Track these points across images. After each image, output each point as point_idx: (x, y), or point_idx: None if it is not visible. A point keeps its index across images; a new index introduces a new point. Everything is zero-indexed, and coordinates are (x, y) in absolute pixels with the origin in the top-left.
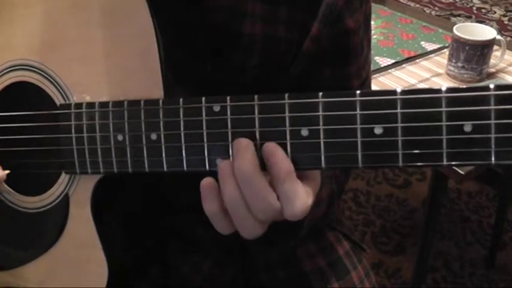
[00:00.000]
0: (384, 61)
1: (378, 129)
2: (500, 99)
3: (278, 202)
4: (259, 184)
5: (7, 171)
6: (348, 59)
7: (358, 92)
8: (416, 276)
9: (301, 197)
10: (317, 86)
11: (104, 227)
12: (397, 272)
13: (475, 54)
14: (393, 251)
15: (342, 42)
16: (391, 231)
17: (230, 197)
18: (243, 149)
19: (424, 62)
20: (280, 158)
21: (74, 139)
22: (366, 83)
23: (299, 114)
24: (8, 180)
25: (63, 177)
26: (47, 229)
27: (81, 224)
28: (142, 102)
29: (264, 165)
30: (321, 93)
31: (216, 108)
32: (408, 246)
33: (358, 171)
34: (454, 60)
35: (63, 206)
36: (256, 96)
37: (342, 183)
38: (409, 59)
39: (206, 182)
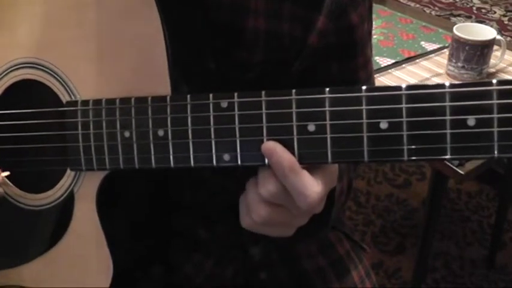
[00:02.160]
0: (383, 61)
1: (384, 124)
2: (502, 94)
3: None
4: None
5: (7, 173)
6: (355, 52)
7: (364, 87)
8: (416, 276)
9: (310, 187)
10: (325, 82)
11: (109, 225)
12: (397, 272)
13: (475, 54)
14: (393, 251)
15: (347, 36)
16: (391, 231)
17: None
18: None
19: (424, 62)
20: (280, 154)
21: (80, 136)
22: (371, 78)
23: (306, 109)
24: (12, 177)
25: (69, 174)
26: (51, 226)
27: (86, 221)
28: (149, 98)
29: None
30: (327, 89)
31: (224, 104)
32: (408, 246)
33: (359, 171)
34: (454, 60)
35: (68, 203)
36: (263, 92)
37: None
38: (409, 59)
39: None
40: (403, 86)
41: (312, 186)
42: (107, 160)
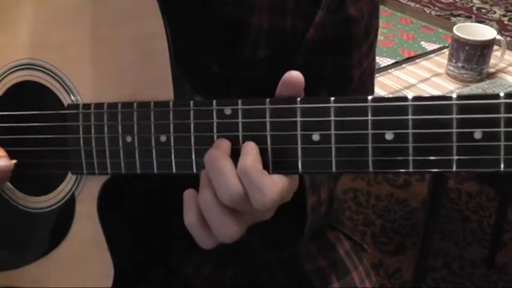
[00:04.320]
0: (384, 61)
1: (389, 135)
2: (510, 107)
3: (240, 185)
4: (223, 164)
5: (14, 161)
6: (350, 48)
7: (369, 97)
8: (416, 276)
9: (267, 186)
10: (319, 77)
11: (110, 228)
12: (397, 272)
13: (475, 54)
14: (393, 251)
15: (344, 30)
16: (391, 231)
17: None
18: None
19: (424, 62)
20: (245, 152)
21: (81, 140)
22: (365, 73)
23: (310, 119)
24: (14, 179)
25: (70, 178)
26: (52, 229)
27: (87, 225)
28: (152, 103)
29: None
30: (332, 98)
31: (227, 111)
32: (408, 246)
33: None
34: (454, 60)
35: (69, 207)
36: (267, 100)
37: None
38: (409, 59)
39: (187, 192)
40: (410, 96)
41: (269, 187)
42: (109, 164)
